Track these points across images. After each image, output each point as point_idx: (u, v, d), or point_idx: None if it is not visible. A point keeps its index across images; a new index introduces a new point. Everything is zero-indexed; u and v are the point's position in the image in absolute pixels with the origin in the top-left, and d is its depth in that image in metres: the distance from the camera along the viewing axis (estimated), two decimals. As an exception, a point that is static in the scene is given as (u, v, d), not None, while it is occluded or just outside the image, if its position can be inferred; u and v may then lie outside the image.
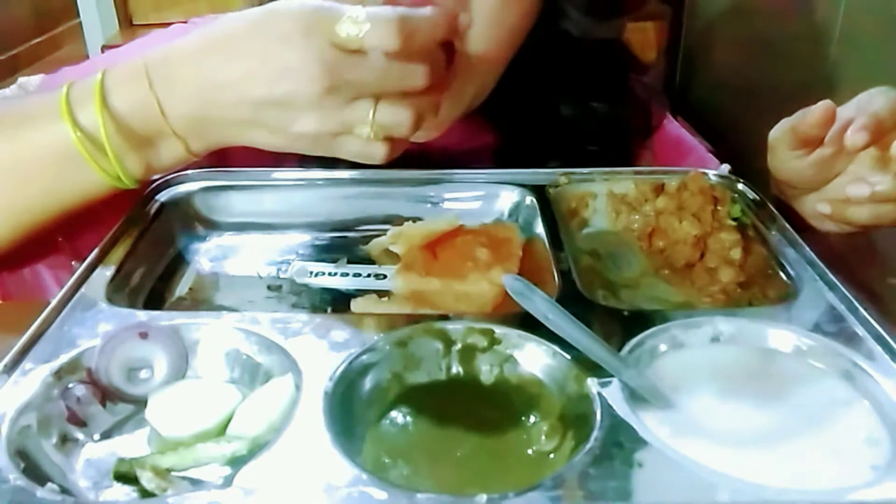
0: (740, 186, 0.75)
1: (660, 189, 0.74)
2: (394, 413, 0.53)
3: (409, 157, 0.83)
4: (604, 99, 0.85)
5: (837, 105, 0.68)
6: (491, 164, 0.86)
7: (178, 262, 0.71)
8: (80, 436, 0.51)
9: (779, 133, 0.72)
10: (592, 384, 0.50)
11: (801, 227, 0.75)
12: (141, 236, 0.68)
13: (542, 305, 0.52)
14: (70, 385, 0.52)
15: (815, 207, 0.73)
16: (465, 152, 0.86)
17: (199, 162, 0.68)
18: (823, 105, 0.67)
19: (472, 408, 0.54)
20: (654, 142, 0.91)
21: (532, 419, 0.52)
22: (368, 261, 0.71)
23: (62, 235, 0.69)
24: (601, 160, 0.81)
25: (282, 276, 0.69)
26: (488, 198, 0.76)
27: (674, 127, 0.97)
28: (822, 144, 0.69)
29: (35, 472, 0.46)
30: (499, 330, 0.55)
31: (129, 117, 0.62)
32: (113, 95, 0.62)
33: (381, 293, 0.64)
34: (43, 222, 0.67)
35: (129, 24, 2.17)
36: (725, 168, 0.80)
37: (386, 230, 0.71)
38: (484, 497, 0.42)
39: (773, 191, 0.79)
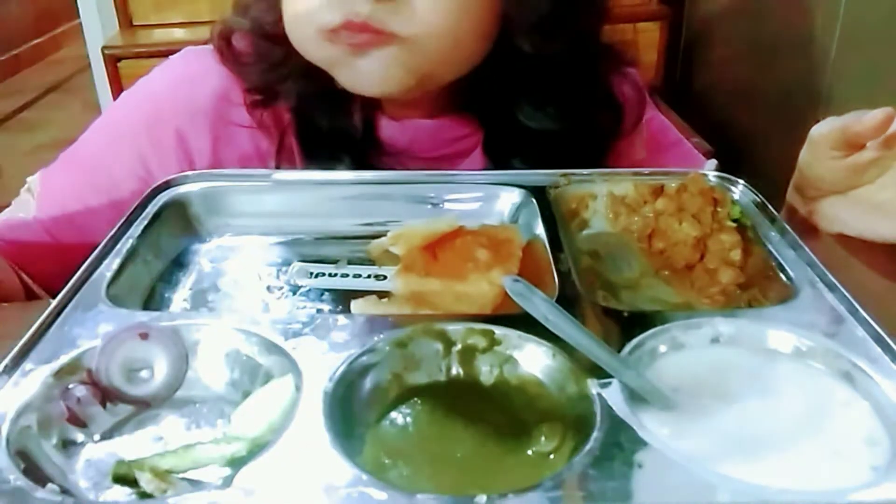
0: (740, 187, 0.75)
1: (659, 190, 0.74)
2: (394, 414, 0.53)
3: (399, 156, 0.84)
4: (580, 94, 0.84)
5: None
6: (481, 159, 0.86)
7: (178, 263, 0.71)
8: (80, 437, 0.51)
9: (824, 130, 0.70)
10: (592, 385, 0.50)
11: (804, 227, 0.75)
12: (141, 237, 0.68)
13: (542, 306, 0.51)
14: (70, 386, 0.52)
15: (834, 210, 0.72)
16: (453, 150, 0.86)
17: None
18: (884, 111, 0.66)
19: (472, 409, 0.54)
20: (637, 134, 0.91)
21: (532, 420, 0.52)
22: (368, 262, 0.71)
23: None
24: (582, 152, 0.81)
25: (282, 277, 0.69)
26: (488, 199, 0.76)
27: (659, 120, 0.96)
28: (864, 149, 0.68)
29: (35, 473, 0.46)
30: (499, 331, 0.55)
31: None
32: None
33: (381, 294, 0.64)
34: None
35: (129, 25, 2.16)
36: (713, 164, 0.79)
37: (386, 231, 0.71)
38: (484, 497, 0.42)
39: (792, 186, 0.78)
